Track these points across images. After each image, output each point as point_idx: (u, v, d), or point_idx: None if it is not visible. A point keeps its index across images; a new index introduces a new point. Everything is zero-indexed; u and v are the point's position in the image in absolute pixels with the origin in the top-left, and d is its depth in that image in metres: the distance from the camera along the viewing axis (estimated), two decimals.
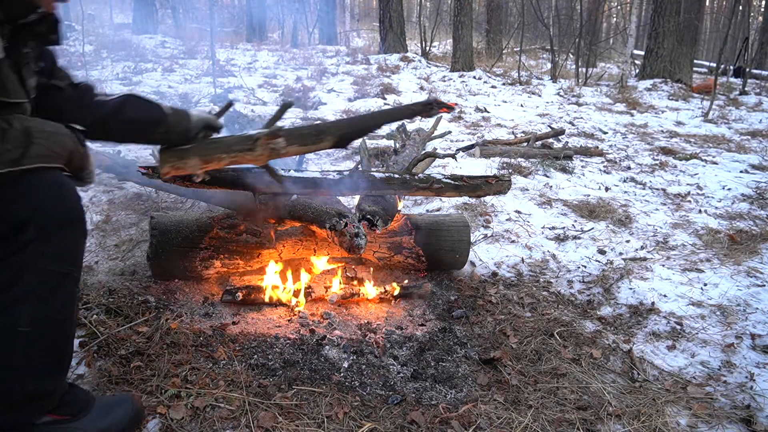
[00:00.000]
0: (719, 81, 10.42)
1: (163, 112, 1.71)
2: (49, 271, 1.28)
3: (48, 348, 1.33)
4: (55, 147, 1.31)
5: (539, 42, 18.60)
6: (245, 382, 1.83)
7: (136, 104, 1.69)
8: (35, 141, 1.26)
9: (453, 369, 2.07)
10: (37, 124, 1.30)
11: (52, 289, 1.30)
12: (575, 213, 3.94)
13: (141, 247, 2.78)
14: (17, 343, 1.27)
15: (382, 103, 7.75)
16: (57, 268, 1.30)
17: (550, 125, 6.98)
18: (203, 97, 6.84)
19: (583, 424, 1.79)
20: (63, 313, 1.34)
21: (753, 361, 2.18)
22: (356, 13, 26.23)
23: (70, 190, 1.33)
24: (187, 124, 1.78)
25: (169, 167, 1.80)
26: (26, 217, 1.24)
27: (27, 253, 1.25)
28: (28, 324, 1.27)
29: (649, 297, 2.68)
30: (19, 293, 1.25)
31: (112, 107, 1.65)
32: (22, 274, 1.25)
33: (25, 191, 1.25)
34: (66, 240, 1.31)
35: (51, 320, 1.31)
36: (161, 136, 1.76)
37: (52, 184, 1.29)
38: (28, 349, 1.28)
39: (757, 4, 27.43)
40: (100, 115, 1.63)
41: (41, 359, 1.32)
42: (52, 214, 1.27)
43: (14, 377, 1.28)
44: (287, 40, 16.12)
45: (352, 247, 2.16)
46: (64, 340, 1.37)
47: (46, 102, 1.61)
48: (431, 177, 2.55)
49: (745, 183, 4.78)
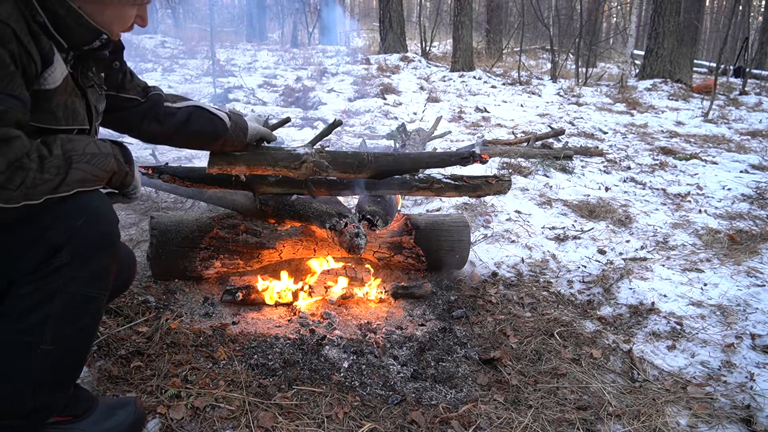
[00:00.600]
0: (719, 81, 10.42)
1: (225, 126, 1.88)
2: (79, 295, 1.27)
3: (66, 365, 1.33)
4: (96, 171, 1.28)
5: (539, 42, 18.60)
6: (245, 382, 1.83)
7: (201, 117, 1.84)
8: (75, 167, 1.23)
9: (453, 369, 2.07)
10: (80, 146, 1.26)
11: (80, 311, 1.29)
12: (575, 213, 3.94)
13: (141, 247, 2.78)
14: (37, 360, 1.26)
15: (382, 103, 7.75)
16: (87, 292, 1.29)
17: (550, 125, 6.98)
18: (203, 97, 6.84)
19: (583, 424, 1.79)
20: (86, 334, 1.35)
21: (753, 361, 2.18)
22: (356, 13, 26.22)
23: (106, 213, 1.31)
24: (243, 138, 1.95)
25: (217, 168, 2.01)
26: (60, 242, 1.23)
27: (60, 276, 1.24)
28: (51, 343, 1.26)
29: (649, 297, 2.68)
30: (47, 314, 1.25)
31: (179, 120, 1.80)
32: (53, 297, 1.24)
33: (60, 216, 1.23)
34: (99, 264, 1.29)
35: (74, 340, 1.31)
36: (219, 147, 1.96)
37: (88, 208, 1.27)
38: (47, 366, 1.28)
39: (757, 4, 27.44)
40: (168, 128, 1.79)
41: (56, 376, 1.32)
42: (86, 239, 1.26)
43: (28, 390, 1.28)
44: (287, 40, 16.12)
45: (352, 247, 2.16)
46: (83, 357, 1.38)
47: (119, 115, 1.72)
48: (431, 177, 2.55)
49: (745, 183, 4.78)
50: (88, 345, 1.39)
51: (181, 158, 4.45)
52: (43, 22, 1.26)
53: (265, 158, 2.05)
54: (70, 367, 1.35)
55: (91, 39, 1.37)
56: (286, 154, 2.08)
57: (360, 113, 7.11)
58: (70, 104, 1.34)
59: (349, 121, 6.67)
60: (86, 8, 1.35)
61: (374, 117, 6.99)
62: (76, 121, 1.36)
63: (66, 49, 1.35)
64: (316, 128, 6.05)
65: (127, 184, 1.43)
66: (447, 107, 7.99)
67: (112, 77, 1.67)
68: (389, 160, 2.31)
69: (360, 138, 5.37)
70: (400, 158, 2.37)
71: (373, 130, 6.18)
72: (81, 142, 1.28)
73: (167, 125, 1.79)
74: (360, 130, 6.15)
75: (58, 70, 1.28)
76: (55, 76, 1.27)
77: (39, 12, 1.26)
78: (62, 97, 1.31)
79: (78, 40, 1.35)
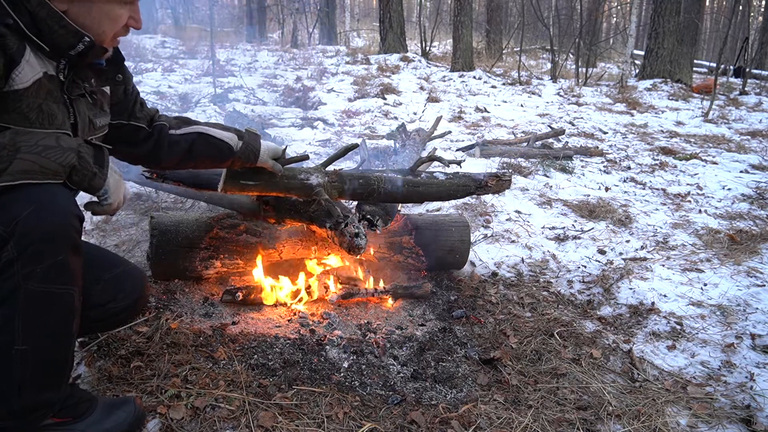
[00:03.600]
0: (719, 81, 10.42)
1: (232, 150, 1.91)
2: (40, 292, 1.22)
3: (46, 364, 1.29)
4: (47, 163, 1.21)
5: (539, 42, 18.59)
6: (245, 382, 1.83)
7: (205, 144, 1.88)
8: (21, 157, 1.18)
9: (453, 369, 2.07)
10: (34, 138, 1.22)
11: (45, 308, 1.24)
12: (575, 213, 3.93)
13: (141, 247, 2.78)
14: (14, 360, 1.23)
15: (382, 103, 7.75)
16: (48, 288, 1.23)
17: (550, 125, 6.98)
18: (203, 97, 6.84)
19: (583, 424, 1.79)
20: (61, 329, 1.29)
21: (753, 361, 2.18)
22: (356, 13, 26.23)
23: (54, 205, 1.22)
24: (254, 159, 1.99)
25: (229, 191, 2.08)
26: (3, 234, 1.17)
27: (13, 272, 1.18)
28: (24, 343, 1.22)
29: (649, 297, 2.68)
30: (12, 314, 1.20)
31: (182, 149, 1.85)
32: (13, 294, 1.20)
33: (5, 207, 1.18)
34: (53, 258, 1.22)
35: (48, 337, 1.27)
36: (229, 167, 2.01)
37: (32, 199, 1.20)
38: (26, 366, 1.24)
39: (757, 4, 27.44)
40: (173, 157, 1.85)
41: (39, 375, 1.28)
42: (33, 231, 1.19)
43: (12, 392, 1.25)
44: (287, 40, 16.11)
45: (352, 247, 2.16)
46: (64, 354, 1.33)
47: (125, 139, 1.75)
48: (433, 176, 2.55)
49: (745, 183, 4.78)
50: (68, 343, 1.34)
51: None
52: (13, 24, 1.26)
53: (277, 186, 2.11)
54: (53, 365, 1.31)
55: (74, 42, 1.36)
56: (299, 183, 2.15)
57: (360, 113, 7.11)
58: (46, 108, 1.32)
59: (349, 121, 6.67)
60: (73, 9, 1.35)
61: (374, 117, 6.99)
62: (52, 125, 1.32)
63: (50, 54, 1.34)
64: (316, 128, 6.05)
65: (95, 187, 1.34)
66: (447, 107, 7.99)
67: (124, 104, 1.70)
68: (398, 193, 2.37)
69: (360, 138, 5.37)
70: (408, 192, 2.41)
71: (373, 130, 6.18)
72: (38, 135, 1.24)
73: (172, 155, 1.85)
74: (360, 130, 6.14)
75: (26, 71, 1.27)
76: (23, 77, 1.26)
77: (9, 13, 1.26)
78: (35, 100, 1.29)
79: (61, 43, 1.35)
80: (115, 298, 1.59)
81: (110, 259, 1.68)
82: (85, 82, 1.49)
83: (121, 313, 1.66)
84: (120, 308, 1.62)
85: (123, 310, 1.64)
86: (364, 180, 2.30)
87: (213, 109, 6.24)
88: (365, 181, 2.30)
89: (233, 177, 2.05)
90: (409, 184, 2.39)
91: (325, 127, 6.16)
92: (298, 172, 2.18)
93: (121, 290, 1.61)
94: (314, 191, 2.13)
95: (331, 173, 2.24)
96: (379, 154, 4.41)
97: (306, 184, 2.14)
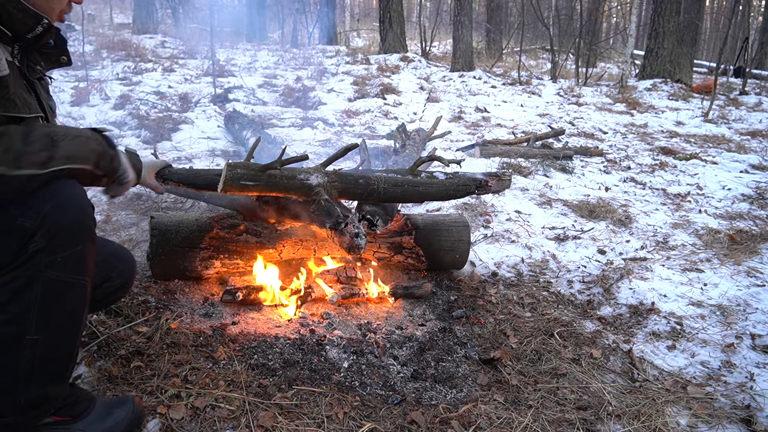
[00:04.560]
0: (719, 81, 10.42)
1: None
2: (59, 281, 1.27)
3: (54, 356, 1.32)
4: (82, 149, 1.31)
5: (539, 42, 18.59)
6: (245, 382, 1.83)
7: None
8: (60, 144, 1.26)
9: (453, 369, 2.07)
10: (60, 129, 1.30)
11: (61, 297, 1.29)
12: (575, 213, 3.93)
13: (141, 247, 2.78)
14: (24, 351, 1.26)
15: (382, 103, 7.75)
16: (66, 277, 1.29)
17: (550, 125, 6.98)
18: (203, 97, 6.84)
19: (583, 424, 1.79)
20: (72, 321, 1.34)
21: (753, 361, 2.18)
22: (356, 13, 26.23)
23: (75, 199, 1.31)
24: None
25: (228, 191, 2.06)
26: (32, 227, 1.23)
27: (36, 261, 1.24)
28: (36, 332, 1.26)
29: (649, 297, 2.68)
30: (29, 303, 1.25)
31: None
32: (31, 284, 1.24)
33: (28, 204, 1.24)
34: (74, 249, 1.29)
35: (60, 328, 1.31)
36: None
37: (55, 194, 1.27)
38: (35, 357, 1.28)
39: (757, 4, 27.44)
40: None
41: (47, 367, 1.31)
42: (58, 223, 1.26)
43: (19, 384, 1.27)
44: (287, 40, 16.10)
45: (352, 247, 2.16)
46: (71, 348, 1.37)
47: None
48: (433, 176, 2.55)
49: (745, 183, 4.78)
50: (77, 334, 1.37)
51: (181, 159, 4.46)
52: None
53: (276, 187, 2.11)
54: (60, 357, 1.34)
55: (33, 25, 1.37)
56: (299, 184, 2.15)
57: (360, 113, 7.11)
58: (20, 94, 1.35)
59: (349, 121, 6.67)
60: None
61: (374, 117, 6.98)
62: (31, 111, 1.36)
63: (10, 40, 1.35)
64: (316, 128, 6.05)
65: (116, 168, 1.45)
66: (447, 107, 7.99)
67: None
68: (397, 193, 2.36)
69: (360, 138, 5.37)
70: (408, 191, 2.40)
71: (373, 130, 6.18)
72: (60, 126, 1.31)
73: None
74: (360, 130, 6.14)
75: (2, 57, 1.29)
76: (2, 64, 1.28)
77: None
78: (14, 86, 1.32)
79: (20, 27, 1.36)
80: (110, 278, 1.63)
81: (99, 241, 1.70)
82: (37, 65, 1.49)
83: (117, 292, 1.71)
84: (115, 287, 1.66)
85: (118, 288, 1.69)
86: (364, 180, 2.30)
87: (213, 109, 6.24)
88: (365, 181, 2.30)
89: (233, 177, 2.05)
90: (409, 184, 2.39)
91: (325, 127, 6.16)
92: (297, 172, 2.18)
93: (114, 269, 1.65)
94: (314, 191, 2.13)
95: (331, 173, 2.24)
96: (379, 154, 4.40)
97: (306, 184, 2.14)
